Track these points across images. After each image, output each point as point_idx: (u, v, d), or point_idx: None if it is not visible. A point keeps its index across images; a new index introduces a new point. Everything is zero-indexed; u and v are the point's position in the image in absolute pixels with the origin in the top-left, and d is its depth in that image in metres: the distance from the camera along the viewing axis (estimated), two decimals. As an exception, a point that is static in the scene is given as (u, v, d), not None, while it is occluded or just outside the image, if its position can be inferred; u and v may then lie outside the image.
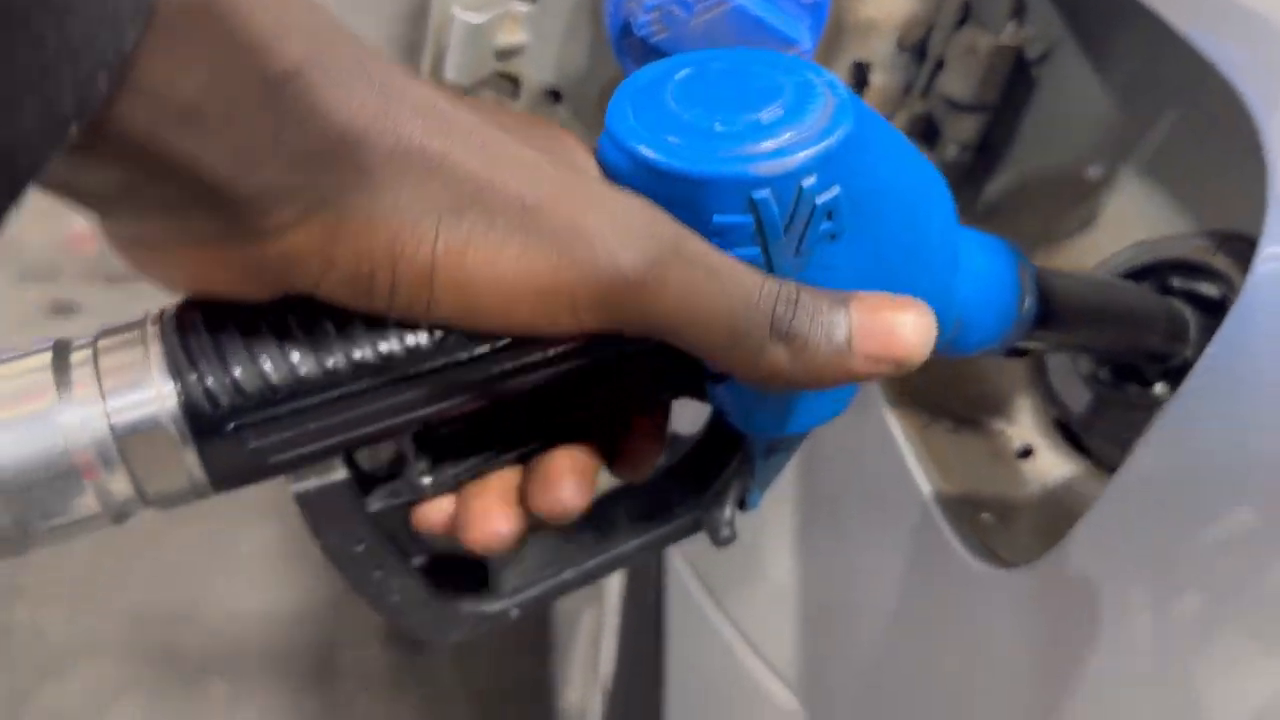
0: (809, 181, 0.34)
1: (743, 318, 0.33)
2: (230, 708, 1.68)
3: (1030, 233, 0.67)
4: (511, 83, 0.56)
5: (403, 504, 0.40)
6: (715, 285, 0.33)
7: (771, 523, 0.74)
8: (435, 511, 0.40)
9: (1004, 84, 0.63)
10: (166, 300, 0.36)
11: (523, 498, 0.39)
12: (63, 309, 2.24)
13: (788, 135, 0.34)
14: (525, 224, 0.31)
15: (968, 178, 0.68)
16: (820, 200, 0.35)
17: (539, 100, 0.57)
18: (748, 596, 0.79)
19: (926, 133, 0.68)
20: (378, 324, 0.34)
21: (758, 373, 0.35)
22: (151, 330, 0.34)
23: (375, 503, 0.39)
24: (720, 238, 0.35)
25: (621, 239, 0.32)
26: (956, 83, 0.62)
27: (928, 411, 0.63)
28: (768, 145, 0.34)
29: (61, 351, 0.33)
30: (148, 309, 0.35)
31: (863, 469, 0.65)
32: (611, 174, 0.36)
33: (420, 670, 1.74)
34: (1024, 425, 0.64)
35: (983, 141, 0.66)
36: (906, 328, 0.35)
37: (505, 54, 0.56)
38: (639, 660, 1.00)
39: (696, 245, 0.33)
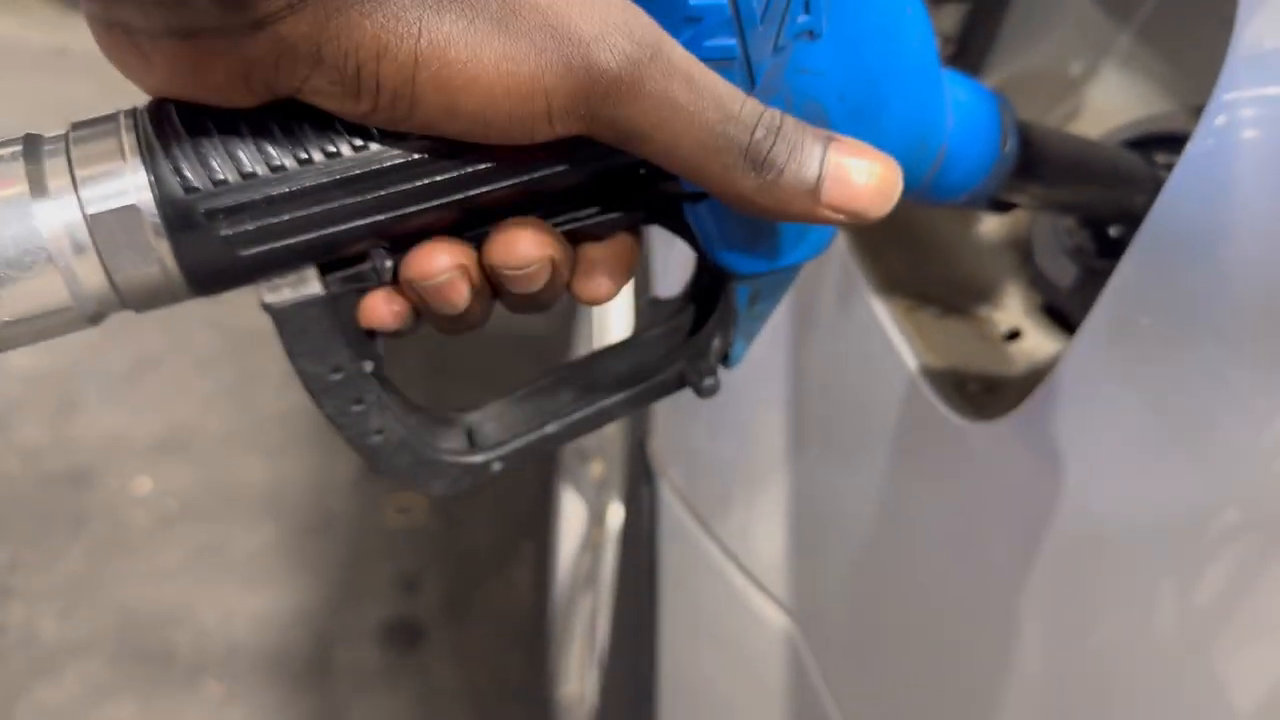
0: None
1: (717, 134, 0.33)
2: (224, 708, 1.65)
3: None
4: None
5: (363, 289, 0.38)
6: (692, 96, 0.33)
7: (761, 434, 0.74)
8: (385, 302, 0.38)
9: (983, -30, 0.64)
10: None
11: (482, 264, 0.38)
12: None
13: None
14: (505, 23, 0.31)
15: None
16: None
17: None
18: (738, 519, 0.78)
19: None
20: (357, 129, 0.34)
21: (723, 195, 0.35)
22: (125, 122, 0.34)
23: (333, 285, 0.37)
24: (697, 25, 0.35)
25: (599, 38, 0.32)
26: (937, -30, 0.63)
27: (914, 298, 0.62)
28: None
29: (33, 143, 0.33)
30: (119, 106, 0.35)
31: (849, 357, 0.65)
32: None
33: (416, 668, 1.71)
34: (1011, 310, 0.64)
35: (965, 37, 0.66)
36: (875, 182, 0.35)
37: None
38: (634, 609, 0.99)
39: (677, 52, 0.33)
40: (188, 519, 1.86)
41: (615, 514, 1.36)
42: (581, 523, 1.51)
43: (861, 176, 0.35)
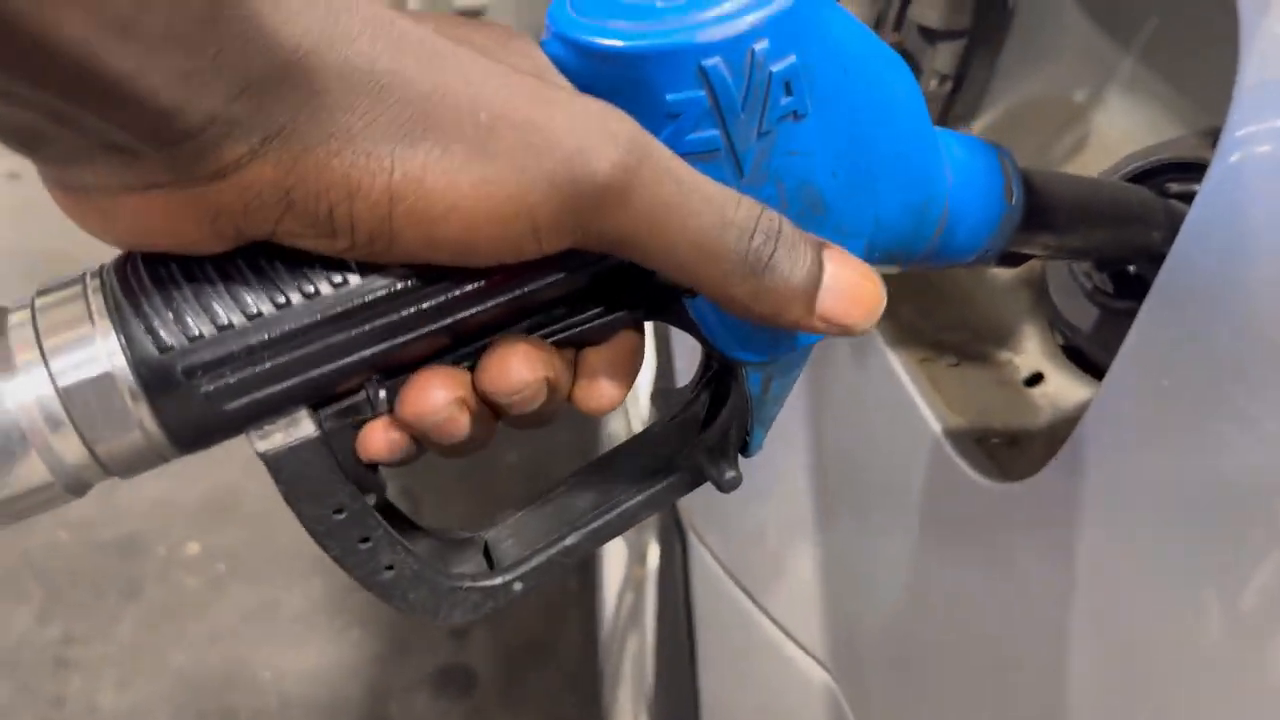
0: (760, 46, 0.32)
1: (714, 238, 0.32)
2: (284, 767, 1.66)
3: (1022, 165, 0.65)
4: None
5: (358, 421, 0.36)
6: (683, 199, 0.32)
7: (787, 490, 0.72)
8: (384, 431, 0.36)
9: (974, 6, 0.62)
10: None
11: (475, 387, 0.36)
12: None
13: (733, 2, 0.33)
14: (482, 145, 0.30)
15: (953, 114, 0.67)
16: (775, 69, 0.33)
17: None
18: (769, 574, 0.77)
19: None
20: (334, 263, 0.32)
21: (719, 299, 0.34)
22: (91, 284, 0.33)
23: (327, 422, 0.35)
24: (677, 121, 0.33)
25: (583, 149, 0.30)
26: (927, 10, 0.61)
27: (929, 347, 0.61)
28: (713, 13, 0.32)
29: None
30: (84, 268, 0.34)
31: (867, 413, 0.63)
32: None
33: (470, 714, 1.71)
34: (1031, 353, 0.62)
35: (962, 74, 0.65)
36: (865, 294, 0.35)
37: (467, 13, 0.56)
38: (675, 653, 0.98)
39: (664, 154, 0.32)
40: (237, 580, 1.88)
41: (654, 552, 1.34)
42: (622, 560, 1.50)
43: (855, 287, 0.34)
